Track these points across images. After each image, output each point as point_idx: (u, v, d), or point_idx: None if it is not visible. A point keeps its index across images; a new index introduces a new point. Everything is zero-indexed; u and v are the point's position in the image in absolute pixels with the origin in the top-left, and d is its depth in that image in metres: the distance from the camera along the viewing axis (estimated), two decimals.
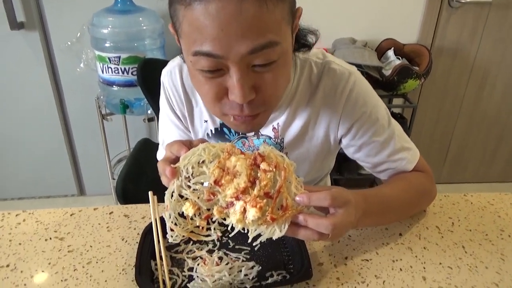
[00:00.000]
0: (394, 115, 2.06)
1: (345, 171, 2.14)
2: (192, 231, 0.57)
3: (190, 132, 0.87)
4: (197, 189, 0.55)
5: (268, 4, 0.51)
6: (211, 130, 0.84)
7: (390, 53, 1.93)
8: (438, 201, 0.85)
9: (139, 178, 1.13)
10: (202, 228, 0.57)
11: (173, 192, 0.56)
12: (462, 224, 0.78)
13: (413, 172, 0.80)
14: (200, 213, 0.56)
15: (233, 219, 0.54)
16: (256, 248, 0.70)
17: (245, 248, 0.70)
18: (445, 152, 2.42)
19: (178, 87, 0.82)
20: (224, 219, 0.55)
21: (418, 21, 2.01)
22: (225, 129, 0.83)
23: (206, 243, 0.71)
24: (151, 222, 0.68)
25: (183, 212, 0.56)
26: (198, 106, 0.83)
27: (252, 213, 0.52)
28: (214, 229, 0.57)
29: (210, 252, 0.69)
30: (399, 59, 1.92)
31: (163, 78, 0.84)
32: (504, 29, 2.05)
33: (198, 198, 0.55)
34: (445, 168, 2.48)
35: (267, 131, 0.81)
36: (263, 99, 0.60)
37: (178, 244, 0.71)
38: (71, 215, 0.80)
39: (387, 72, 1.86)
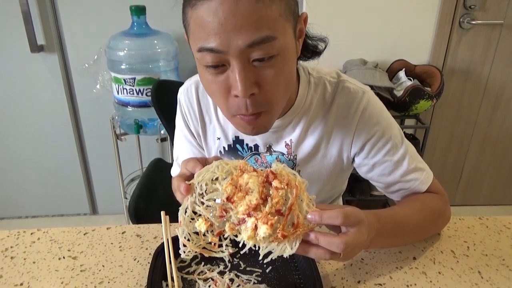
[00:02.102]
0: (406, 136, 2.04)
1: (357, 192, 2.11)
2: (204, 247, 0.58)
3: (203, 149, 0.89)
4: (210, 206, 0.56)
5: (264, 0, 0.54)
6: (224, 147, 0.85)
7: (402, 74, 1.94)
8: (453, 224, 0.84)
9: (152, 197, 1.14)
10: (214, 244, 0.58)
11: (186, 208, 0.57)
12: (478, 248, 0.77)
13: (426, 193, 0.79)
14: (212, 230, 0.57)
15: (244, 236, 0.54)
16: (267, 271, 0.69)
17: (256, 270, 0.70)
18: (459, 174, 2.38)
19: (193, 104, 0.84)
20: (236, 236, 0.56)
21: (429, 42, 2.02)
22: (238, 146, 0.84)
23: (217, 264, 0.71)
24: (163, 243, 0.68)
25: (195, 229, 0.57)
26: (212, 123, 0.85)
27: (263, 229, 0.53)
28: (226, 245, 0.58)
29: (221, 273, 0.69)
30: (410, 80, 1.92)
31: (179, 96, 0.86)
32: None
33: (211, 214, 0.56)
34: (459, 190, 2.43)
35: (280, 147, 0.82)
36: (265, 96, 0.61)
37: (190, 265, 0.71)
38: (84, 234, 0.81)
39: (399, 93, 1.86)
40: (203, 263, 0.71)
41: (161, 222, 0.65)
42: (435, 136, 2.24)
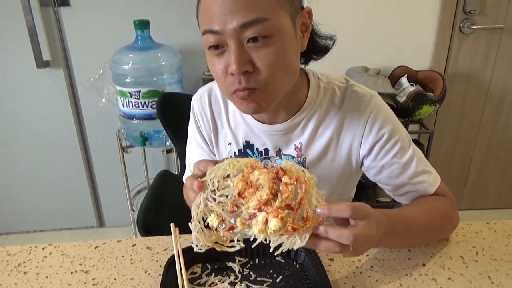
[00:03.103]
0: None
1: (364, 198, 2.11)
2: (216, 242, 0.60)
3: (215, 156, 0.91)
4: (222, 201, 0.58)
5: None
6: (234, 152, 0.87)
7: (404, 80, 1.95)
8: (461, 230, 0.84)
9: (160, 209, 1.15)
10: (226, 239, 0.59)
11: (199, 204, 0.59)
12: (487, 253, 0.77)
13: (435, 196, 0.81)
14: (224, 225, 0.59)
15: (255, 230, 0.56)
16: (278, 280, 0.70)
17: (267, 280, 0.70)
18: (465, 178, 2.38)
19: (206, 110, 0.88)
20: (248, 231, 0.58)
21: (430, 47, 2.03)
22: (248, 151, 0.86)
23: (228, 275, 0.71)
24: (173, 255, 0.69)
25: (208, 224, 0.59)
26: (224, 128, 0.88)
27: (273, 223, 0.54)
28: (238, 240, 0.59)
29: (232, 284, 0.69)
30: (412, 85, 1.93)
31: (193, 103, 0.90)
32: None
33: (223, 210, 0.58)
34: (465, 194, 2.42)
35: (289, 150, 0.84)
36: (259, 74, 0.66)
37: (200, 276, 0.71)
38: (95, 247, 0.82)
39: (402, 99, 1.87)
40: (213, 274, 0.72)
41: (170, 234, 0.66)
42: (439, 140, 2.24)
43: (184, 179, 0.97)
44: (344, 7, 1.93)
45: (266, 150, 0.85)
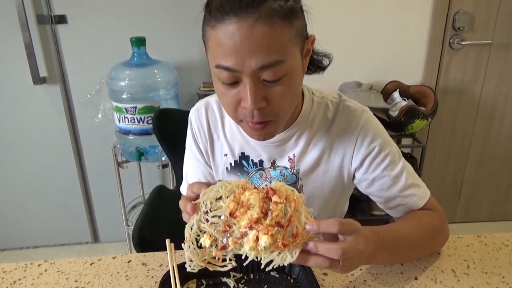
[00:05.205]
0: (404, 155, 2.08)
1: (358, 212, 2.13)
2: (209, 262, 0.61)
3: (211, 168, 0.93)
4: (214, 222, 0.60)
5: (276, 29, 0.61)
6: (230, 164, 0.89)
7: (396, 94, 1.99)
8: (452, 243, 0.85)
9: (155, 225, 1.15)
10: (218, 258, 0.61)
11: (192, 225, 0.61)
12: (478, 266, 0.78)
13: (424, 210, 0.82)
14: (216, 245, 0.60)
15: (246, 248, 0.58)
16: None
17: None
18: (458, 191, 2.40)
19: (203, 123, 0.90)
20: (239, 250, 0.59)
21: (421, 63, 2.08)
22: (243, 162, 0.88)
23: None
24: (169, 270, 0.69)
25: (201, 244, 0.60)
26: (220, 140, 0.90)
27: (264, 239, 0.56)
28: (230, 259, 0.61)
29: None
30: (405, 100, 1.97)
31: (191, 115, 0.93)
32: (506, 68, 2.10)
33: (215, 230, 0.60)
34: (459, 207, 2.44)
35: (283, 162, 0.86)
36: (272, 108, 0.68)
37: None
38: (91, 264, 0.82)
39: (394, 113, 1.90)
40: None
41: (165, 250, 0.67)
42: (432, 154, 2.27)
43: (181, 190, 1.00)
44: (337, 24, 1.97)
45: (261, 162, 0.87)
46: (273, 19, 0.60)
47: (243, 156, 0.88)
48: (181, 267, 0.70)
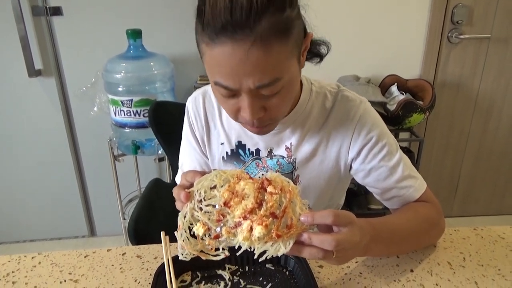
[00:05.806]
0: (401, 148, 2.08)
1: (355, 206, 2.13)
2: (202, 251, 0.61)
3: (207, 157, 0.93)
4: (208, 211, 0.60)
5: (272, 52, 0.59)
6: (226, 152, 0.89)
7: (394, 88, 1.98)
8: (448, 236, 0.85)
9: (151, 218, 1.15)
10: (211, 248, 0.60)
11: (186, 214, 0.60)
12: (474, 259, 0.78)
13: (420, 202, 0.82)
14: (210, 234, 0.60)
15: (240, 237, 0.57)
16: (268, 287, 0.70)
17: (257, 287, 0.70)
18: (455, 185, 2.40)
19: (200, 111, 0.90)
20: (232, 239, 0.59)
21: (419, 57, 2.07)
22: (240, 151, 0.88)
23: (218, 283, 0.72)
24: (163, 263, 0.69)
25: (194, 233, 0.60)
26: (216, 129, 0.90)
27: (258, 230, 0.56)
28: (222, 249, 0.60)
29: None
30: (402, 94, 1.96)
31: (188, 104, 0.92)
32: (505, 62, 2.09)
33: (209, 219, 0.59)
34: (456, 201, 2.45)
35: (280, 151, 0.85)
36: (270, 115, 0.70)
37: (190, 285, 0.71)
38: (85, 256, 0.82)
39: (392, 107, 1.90)
40: (203, 282, 0.72)
41: (161, 243, 0.66)
42: (429, 148, 2.27)
43: (176, 180, 1.00)
44: (335, 17, 1.96)
45: (258, 151, 0.87)
46: (269, 41, 0.58)
47: (240, 145, 0.87)
48: (176, 259, 0.69)
